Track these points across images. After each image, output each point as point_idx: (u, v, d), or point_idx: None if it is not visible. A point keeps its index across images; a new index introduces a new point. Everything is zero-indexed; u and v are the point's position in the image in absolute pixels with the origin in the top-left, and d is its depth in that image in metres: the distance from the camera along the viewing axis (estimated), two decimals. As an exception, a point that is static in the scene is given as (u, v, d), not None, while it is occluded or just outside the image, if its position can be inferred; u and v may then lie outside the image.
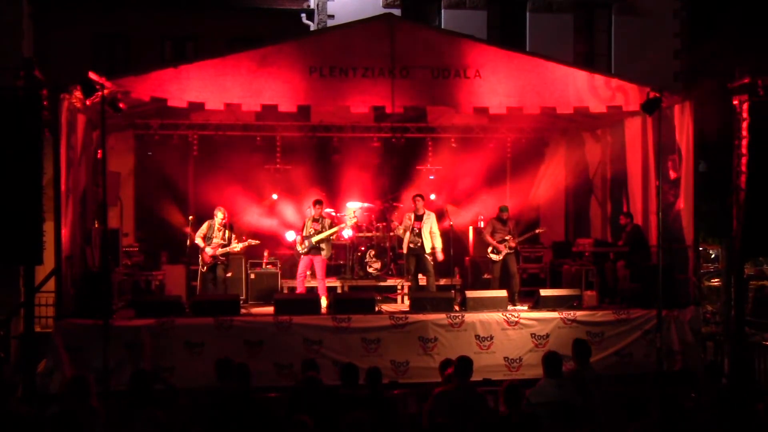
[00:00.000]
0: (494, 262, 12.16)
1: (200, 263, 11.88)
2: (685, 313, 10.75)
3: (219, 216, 11.85)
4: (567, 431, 6.33)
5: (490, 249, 12.19)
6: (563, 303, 10.94)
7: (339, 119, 13.48)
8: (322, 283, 12.08)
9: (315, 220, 12.11)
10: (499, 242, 12.09)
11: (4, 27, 14.48)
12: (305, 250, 11.98)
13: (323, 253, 12.04)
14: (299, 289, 12.10)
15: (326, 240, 12.05)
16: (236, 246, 11.86)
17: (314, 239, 11.93)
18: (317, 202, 12.24)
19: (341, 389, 6.76)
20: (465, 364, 6.89)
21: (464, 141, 14.08)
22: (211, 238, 11.78)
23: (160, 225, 13.59)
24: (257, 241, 12.25)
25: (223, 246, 11.77)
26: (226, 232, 11.86)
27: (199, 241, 11.82)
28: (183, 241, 12.50)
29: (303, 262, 12.07)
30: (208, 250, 11.72)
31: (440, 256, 11.98)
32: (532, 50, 15.22)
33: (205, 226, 11.91)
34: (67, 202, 10.11)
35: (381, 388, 6.96)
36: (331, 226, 12.13)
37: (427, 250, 11.89)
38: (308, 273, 12.22)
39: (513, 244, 12.20)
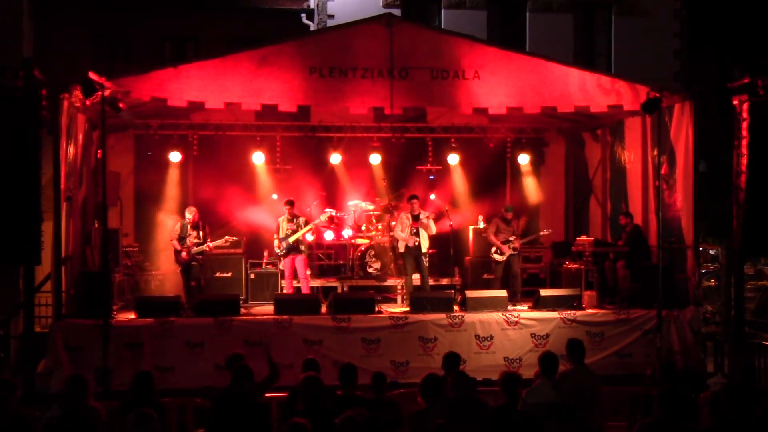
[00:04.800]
0: (497, 262, 12.14)
1: (177, 264, 11.83)
2: (685, 313, 10.75)
3: (188, 216, 11.73)
4: (562, 431, 6.33)
5: (493, 249, 12.16)
6: (563, 303, 10.93)
7: (339, 119, 13.46)
8: (305, 282, 12.16)
9: (289, 221, 12.11)
10: (503, 243, 12.07)
11: (4, 27, 14.47)
12: (284, 251, 12.01)
13: (303, 251, 12.13)
14: (288, 291, 12.11)
15: (301, 241, 12.12)
16: (211, 243, 11.72)
17: (291, 239, 11.96)
18: (289, 203, 12.24)
19: (338, 390, 6.75)
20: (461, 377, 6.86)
21: (464, 141, 14.06)
22: (185, 238, 11.67)
23: (160, 225, 13.55)
24: (234, 238, 12.22)
25: (198, 245, 11.66)
26: (200, 231, 11.72)
27: (175, 244, 11.72)
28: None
29: (286, 263, 12.11)
30: (183, 253, 11.62)
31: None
32: (532, 50, 15.24)
33: (177, 227, 11.82)
34: (67, 202, 10.11)
35: (385, 391, 6.95)
36: (306, 224, 12.18)
37: (424, 249, 11.94)
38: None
39: (517, 245, 12.19)
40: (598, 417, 7.06)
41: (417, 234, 11.89)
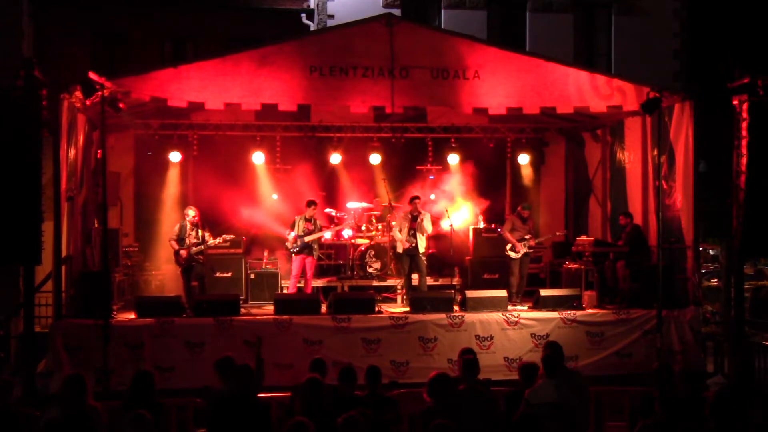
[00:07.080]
0: (512, 259, 12.12)
1: (178, 265, 11.71)
2: (685, 313, 10.75)
3: (190, 214, 11.57)
4: (565, 431, 6.32)
5: (508, 246, 12.13)
6: (563, 303, 10.94)
7: (339, 119, 13.47)
8: (309, 284, 12.18)
9: (307, 221, 12.13)
10: (519, 240, 12.06)
11: (4, 27, 14.49)
12: (297, 249, 12.00)
13: (315, 254, 12.15)
14: (291, 290, 12.11)
15: (316, 241, 12.16)
16: (210, 242, 11.60)
17: (307, 239, 11.97)
18: (310, 203, 12.24)
19: (338, 391, 6.75)
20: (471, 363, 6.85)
21: (464, 141, 14.06)
22: (185, 239, 11.51)
23: (160, 225, 13.56)
24: (231, 236, 12.17)
25: (197, 245, 11.51)
26: (199, 230, 11.57)
27: (173, 244, 11.57)
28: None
29: (296, 262, 12.10)
30: (182, 252, 11.46)
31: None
32: (532, 50, 15.24)
33: (176, 228, 11.65)
34: (69, 202, 10.11)
35: (380, 388, 6.94)
36: (321, 229, 12.24)
37: (421, 250, 11.95)
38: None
39: (533, 243, 12.19)
40: (585, 418, 7.02)
41: (414, 235, 11.89)
